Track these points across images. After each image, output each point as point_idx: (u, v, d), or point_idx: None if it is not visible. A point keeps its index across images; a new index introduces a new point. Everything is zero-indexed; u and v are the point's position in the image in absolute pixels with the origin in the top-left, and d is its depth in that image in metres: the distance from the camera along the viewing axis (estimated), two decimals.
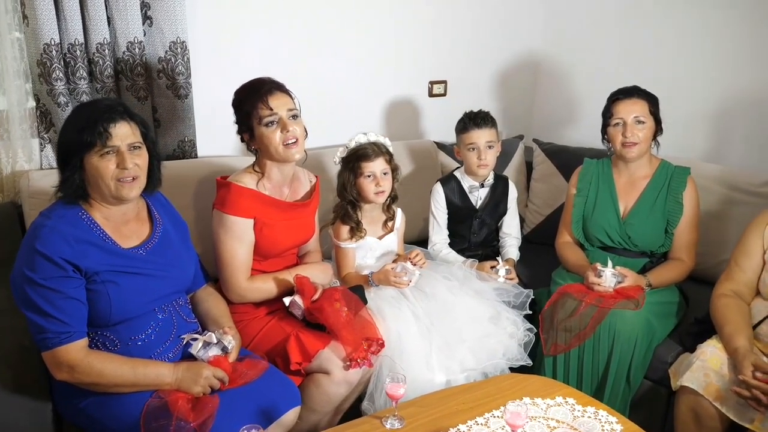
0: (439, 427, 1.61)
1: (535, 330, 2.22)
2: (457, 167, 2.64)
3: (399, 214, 2.38)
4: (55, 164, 2.25)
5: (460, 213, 2.56)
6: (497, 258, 2.44)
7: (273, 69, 2.16)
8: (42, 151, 2.31)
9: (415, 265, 2.20)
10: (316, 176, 2.28)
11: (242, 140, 2.08)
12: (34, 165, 2.30)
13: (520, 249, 2.65)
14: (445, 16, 3.07)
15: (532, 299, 2.30)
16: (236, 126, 2.07)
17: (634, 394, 2.18)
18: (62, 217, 1.67)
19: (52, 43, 2.17)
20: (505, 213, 2.61)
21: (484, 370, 2.11)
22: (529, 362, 2.18)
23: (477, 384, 1.86)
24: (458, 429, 1.61)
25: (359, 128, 2.34)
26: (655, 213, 2.33)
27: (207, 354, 1.77)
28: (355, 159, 2.24)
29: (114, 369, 1.65)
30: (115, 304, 1.69)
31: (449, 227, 2.58)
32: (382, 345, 2.02)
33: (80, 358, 1.62)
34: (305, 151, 2.06)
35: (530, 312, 2.28)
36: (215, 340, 1.79)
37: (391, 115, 3.06)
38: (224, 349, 1.79)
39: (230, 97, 2.07)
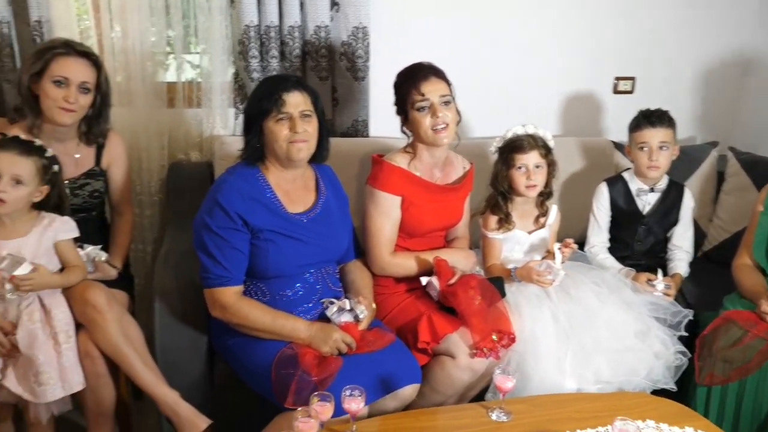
0: (544, 430, 1.56)
1: (690, 355, 2.02)
2: (627, 168, 2.47)
3: (553, 210, 2.30)
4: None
5: (624, 217, 2.41)
6: (657, 271, 2.25)
7: (449, 56, 2.22)
8: (236, 119, 2.61)
9: (566, 247, 2.12)
10: (471, 163, 2.30)
11: (401, 121, 2.17)
12: (228, 131, 2.60)
13: (694, 266, 2.42)
14: (640, 5, 2.86)
15: (691, 321, 2.09)
16: (395, 107, 2.16)
17: None
18: (242, 176, 1.89)
19: (252, 24, 2.43)
20: (676, 223, 2.39)
21: (620, 386, 1.97)
22: (674, 387, 2.00)
23: (600, 395, 1.76)
24: None
25: (533, 120, 2.29)
26: None
27: (340, 319, 1.89)
28: (509, 150, 2.21)
29: (257, 316, 1.84)
30: (272, 261, 1.88)
31: (611, 231, 2.44)
32: (513, 340, 1.99)
33: (232, 301, 1.84)
34: (458, 135, 2.10)
35: (686, 334, 2.08)
36: (348, 307, 1.91)
37: (568, 109, 2.94)
38: (356, 317, 1.90)
39: None
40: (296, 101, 1.85)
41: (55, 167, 1.88)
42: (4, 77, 2.30)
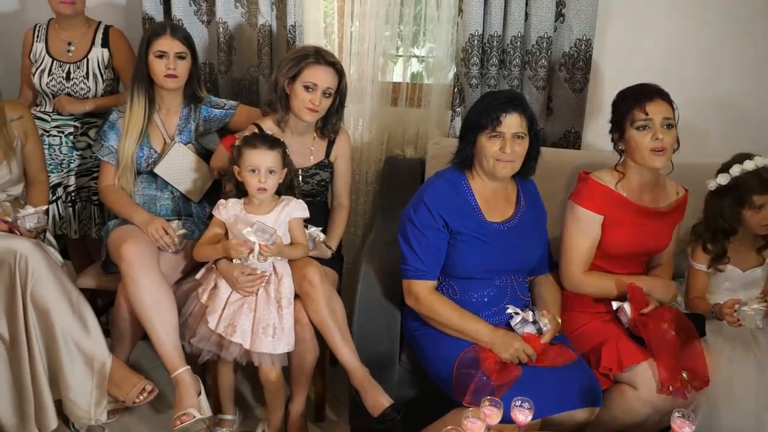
0: None
1: None
2: None
3: None
4: (458, 135, 2.68)
5: None
6: None
7: (674, 74, 2.14)
8: (451, 121, 2.74)
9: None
10: (686, 189, 2.19)
11: (612, 140, 2.14)
12: (442, 132, 2.76)
13: None
14: None
15: None
16: (610, 125, 2.13)
17: None
18: (449, 181, 2.04)
19: (476, 33, 2.54)
20: None
21: None
22: None
23: None
24: None
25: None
26: None
27: (523, 329, 1.96)
28: (745, 188, 2.01)
29: (445, 312, 1.98)
30: (465, 263, 2.01)
31: None
32: (706, 383, 1.90)
33: (425, 294, 2.00)
34: (672, 162, 2.03)
35: None
36: (532, 319, 1.96)
37: None
38: (539, 330, 1.95)
39: None
40: (512, 123, 1.93)
41: (287, 150, 2.17)
42: (260, 72, 2.69)
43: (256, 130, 2.20)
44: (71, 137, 2.58)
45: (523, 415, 1.60)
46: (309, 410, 2.42)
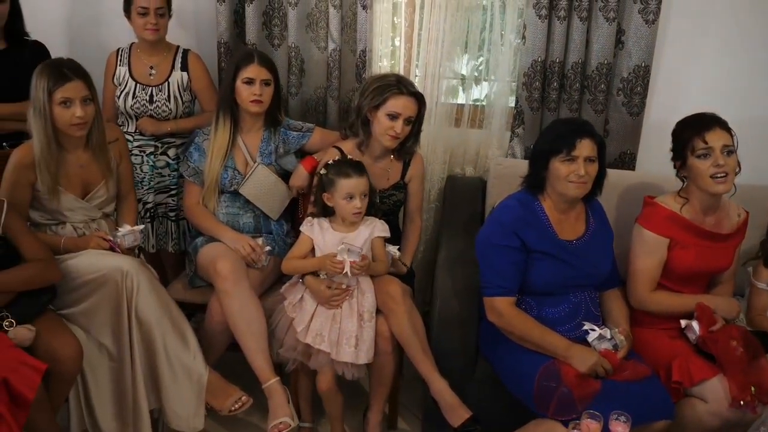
0: None
1: None
2: None
3: None
4: (517, 156, 2.80)
5: None
6: None
7: (727, 98, 2.20)
8: (510, 142, 2.85)
9: None
10: (747, 212, 2.30)
11: (674, 166, 2.25)
12: (502, 153, 2.87)
13: None
14: None
15: None
16: (671, 152, 2.25)
17: None
18: (522, 203, 2.17)
19: (539, 59, 2.66)
20: None
21: None
22: None
23: None
24: None
25: None
26: None
27: (600, 345, 2.06)
28: None
29: (525, 328, 2.09)
30: (540, 279, 2.12)
31: None
32: None
33: (507, 310, 2.10)
34: (734, 185, 2.14)
35: None
36: (609, 336, 2.07)
37: None
38: (615, 346, 2.06)
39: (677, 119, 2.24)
40: (586, 147, 2.05)
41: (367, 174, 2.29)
42: (330, 93, 2.81)
43: (339, 155, 2.32)
44: (152, 156, 2.69)
45: (621, 428, 1.70)
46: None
